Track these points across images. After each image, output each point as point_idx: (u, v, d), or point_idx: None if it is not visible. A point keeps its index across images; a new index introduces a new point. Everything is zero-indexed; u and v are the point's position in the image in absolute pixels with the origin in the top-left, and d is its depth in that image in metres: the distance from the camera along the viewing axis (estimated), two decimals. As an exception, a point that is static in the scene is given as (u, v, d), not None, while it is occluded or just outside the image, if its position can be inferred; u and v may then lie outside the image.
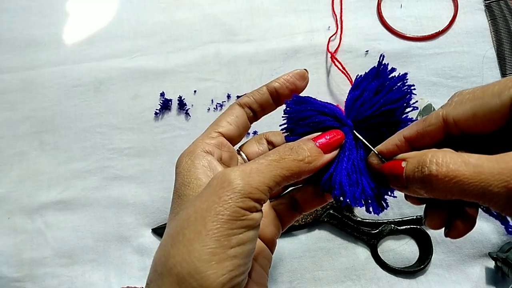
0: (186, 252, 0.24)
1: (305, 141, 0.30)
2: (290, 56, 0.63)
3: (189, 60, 0.64)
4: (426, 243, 0.55)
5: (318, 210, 0.56)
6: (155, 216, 0.59)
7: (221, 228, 0.24)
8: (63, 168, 0.61)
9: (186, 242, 0.25)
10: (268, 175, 0.27)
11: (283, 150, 0.29)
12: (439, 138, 0.27)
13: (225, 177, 0.26)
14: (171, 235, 0.26)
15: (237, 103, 0.36)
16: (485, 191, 0.22)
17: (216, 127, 0.34)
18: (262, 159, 0.28)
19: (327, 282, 0.56)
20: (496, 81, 0.25)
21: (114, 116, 0.62)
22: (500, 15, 0.62)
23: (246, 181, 0.26)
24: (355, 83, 0.33)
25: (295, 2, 0.65)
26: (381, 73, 0.32)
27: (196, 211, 0.25)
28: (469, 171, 0.22)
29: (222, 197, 0.25)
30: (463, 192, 0.23)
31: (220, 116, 0.35)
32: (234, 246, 0.25)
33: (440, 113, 0.26)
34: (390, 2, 0.64)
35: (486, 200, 0.22)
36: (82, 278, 0.57)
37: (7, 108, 0.63)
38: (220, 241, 0.24)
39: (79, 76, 0.64)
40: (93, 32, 0.66)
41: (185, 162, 0.31)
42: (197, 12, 0.66)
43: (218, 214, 0.25)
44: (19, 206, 0.60)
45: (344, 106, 0.33)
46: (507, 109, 0.23)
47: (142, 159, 0.61)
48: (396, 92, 0.31)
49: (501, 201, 0.21)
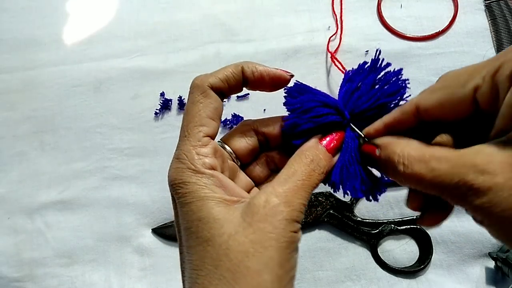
0: (256, 284, 0.25)
1: (317, 147, 0.31)
2: (290, 56, 0.63)
3: (189, 60, 0.64)
4: (426, 243, 0.55)
5: (318, 210, 0.56)
6: (155, 216, 0.59)
7: (283, 255, 0.26)
8: (63, 168, 0.61)
9: (254, 274, 0.25)
10: (303, 195, 0.28)
11: (307, 164, 0.29)
12: (413, 124, 0.28)
13: (271, 206, 0.26)
14: (227, 268, 0.25)
15: (209, 86, 0.31)
16: (443, 189, 0.24)
17: (200, 127, 0.30)
18: (294, 178, 0.28)
19: (327, 282, 0.56)
20: (467, 67, 0.25)
21: (114, 116, 0.62)
22: (500, 15, 0.62)
23: (291, 207, 0.27)
24: (348, 76, 0.34)
25: (295, 2, 0.65)
26: (377, 68, 0.33)
27: (254, 242, 0.25)
28: (429, 174, 0.24)
29: (276, 226, 0.26)
30: (425, 189, 0.25)
31: (196, 107, 0.30)
32: (294, 266, 0.27)
33: (414, 101, 0.28)
34: (390, 2, 0.64)
35: (445, 196, 0.24)
36: (82, 278, 0.57)
37: (7, 108, 0.63)
38: (284, 267, 0.26)
39: (79, 76, 0.64)
40: (93, 32, 0.66)
41: (196, 183, 0.28)
42: (197, 12, 0.66)
43: (278, 242, 0.26)
44: (19, 206, 0.60)
45: (338, 98, 0.33)
46: (470, 99, 0.24)
47: (142, 159, 0.61)
48: (392, 86, 0.32)
49: (456, 195, 0.24)
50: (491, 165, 0.22)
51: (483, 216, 0.23)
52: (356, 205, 0.58)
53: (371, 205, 0.58)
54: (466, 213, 0.24)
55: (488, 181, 0.22)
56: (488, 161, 0.22)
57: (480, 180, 0.22)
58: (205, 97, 0.30)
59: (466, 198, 0.23)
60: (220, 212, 0.27)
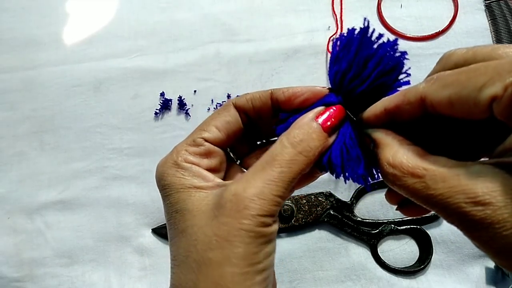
0: (218, 276, 0.25)
1: (309, 125, 0.27)
2: (290, 56, 0.63)
3: (189, 60, 0.64)
4: (426, 243, 0.55)
5: (318, 210, 0.56)
6: (155, 216, 0.59)
7: (248, 248, 0.25)
8: (63, 168, 0.61)
9: (215, 266, 0.25)
10: (281, 185, 0.26)
11: (293, 146, 0.26)
12: (417, 115, 0.25)
13: (238, 200, 0.25)
14: (193, 259, 0.26)
15: (232, 103, 0.32)
16: (438, 209, 0.21)
17: (202, 132, 0.31)
18: (271, 165, 0.26)
19: (327, 282, 0.56)
20: (488, 65, 0.21)
21: (114, 116, 0.62)
22: (500, 15, 0.62)
23: (261, 202, 0.25)
24: (335, 54, 0.30)
25: (295, 2, 0.65)
26: (367, 40, 0.28)
27: (218, 235, 0.25)
28: (422, 191, 0.22)
29: (242, 222, 0.25)
30: (416, 201, 0.23)
31: (210, 116, 0.31)
32: (262, 260, 0.26)
33: (420, 91, 0.25)
34: (390, 2, 0.64)
35: (439, 214, 0.22)
36: (82, 278, 0.57)
37: (7, 108, 0.63)
38: (248, 260, 0.25)
39: (79, 76, 0.64)
40: (93, 32, 0.66)
41: (173, 174, 0.29)
42: (197, 12, 0.66)
43: (243, 237, 0.25)
44: (19, 206, 0.60)
45: (329, 80, 0.30)
46: (484, 106, 0.20)
47: (142, 159, 0.61)
48: (387, 62, 0.28)
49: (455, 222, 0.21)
50: (494, 194, 0.19)
51: (480, 245, 0.21)
52: (356, 205, 0.58)
53: (371, 205, 0.58)
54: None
55: (490, 214, 0.19)
56: (491, 189, 0.19)
57: (481, 214, 0.19)
58: (223, 110, 0.31)
59: (463, 226, 0.21)
60: (194, 203, 0.27)
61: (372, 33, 0.28)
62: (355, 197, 0.57)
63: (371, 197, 0.58)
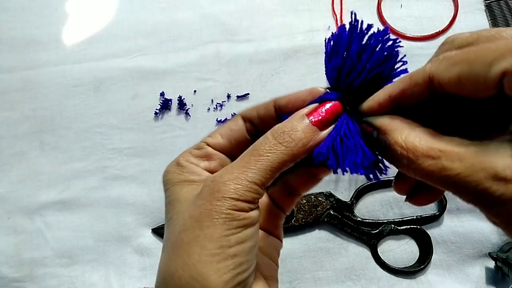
0: (186, 255, 0.25)
1: (298, 119, 0.28)
2: (290, 56, 0.63)
3: (189, 60, 0.64)
4: (426, 243, 0.55)
5: (318, 210, 0.56)
6: (155, 216, 0.59)
7: (218, 230, 0.25)
8: (63, 168, 0.61)
9: (185, 246, 0.25)
10: (258, 173, 0.26)
11: (273, 137, 0.27)
12: (425, 98, 0.25)
13: (214, 185, 0.26)
14: (170, 241, 0.27)
15: (241, 115, 0.33)
16: (455, 189, 0.21)
17: (207, 138, 0.33)
18: (249, 155, 0.27)
19: (327, 282, 0.56)
20: (497, 43, 0.21)
21: (114, 116, 0.62)
22: (500, 15, 0.62)
23: (235, 187, 0.26)
24: (328, 52, 0.30)
25: (295, 2, 0.65)
26: (357, 34, 0.28)
27: (191, 217, 0.26)
28: (439, 172, 0.21)
29: (214, 204, 0.26)
30: (433, 184, 0.22)
31: (218, 127, 0.34)
32: (234, 245, 0.25)
33: (427, 72, 0.24)
34: (390, 2, 0.64)
35: (457, 195, 0.22)
36: (82, 278, 0.57)
37: (7, 108, 0.63)
38: (218, 242, 0.25)
39: (79, 76, 0.64)
40: (93, 32, 0.66)
41: (173, 171, 0.31)
42: (197, 12, 0.66)
43: (213, 218, 0.25)
44: (19, 206, 0.60)
45: (327, 80, 0.30)
46: (495, 82, 0.20)
47: (142, 159, 0.61)
48: (380, 52, 0.27)
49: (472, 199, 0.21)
50: None
51: (500, 221, 0.21)
52: (356, 205, 0.58)
53: (371, 205, 0.58)
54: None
55: (511, 189, 0.19)
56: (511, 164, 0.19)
57: (502, 190, 0.19)
58: (231, 121, 0.33)
59: (482, 203, 0.20)
60: (183, 194, 0.29)
61: (361, 25, 0.28)
62: (355, 197, 0.57)
63: (371, 197, 0.58)
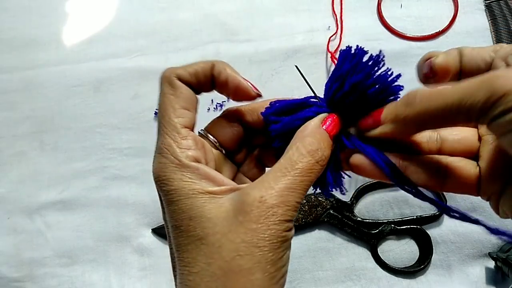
0: (248, 282, 0.25)
1: (319, 130, 0.28)
2: (290, 56, 0.63)
3: (189, 60, 0.62)
4: (426, 243, 0.55)
5: (318, 210, 0.56)
6: (155, 216, 0.59)
7: (275, 254, 0.25)
8: (63, 168, 0.61)
9: (246, 273, 0.25)
10: (301, 193, 0.27)
11: (310, 155, 0.27)
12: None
13: (266, 207, 0.25)
14: (219, 267, 0.25)
15: (176, 77, 0.31)
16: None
17: (176, 119, 0.29)
18: (293, 172, 0.26)
19: (327, 282, 0.56)
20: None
21: (114, 116, 0.62)
22: (500, 15, 0.62)
23: (286, 207, 0.26)
24: (335, 76, 0.30)
25: (295, 2, 0.65)
26: (360, 66, 0.28)
27: (246, 242, 0.25)
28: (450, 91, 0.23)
29: (272, 227, 0.25)
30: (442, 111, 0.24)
31: (167, 99, 0.30)
32: (286, 263, 0.27)
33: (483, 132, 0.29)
34: (390, 2, 0.64)
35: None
36: (82, 278, 0.57)
37: (7, 108, 0.63)
38: (276, 265, 0.26)
39: (79, 76, 0.64)
40: (93, 32, 0.66)
41: (179, 180, 0.28)
42: (197, 12, 0.66)
43: (272, 242, 0.25)
44: (19, 206, 0.60)
45: (324, 95, 0.31)
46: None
47: (142, 159, 0.61)
48: (375, 80, 0.28)
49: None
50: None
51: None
52: (356, 205, 0.58)
53: (371, 205, 0.58)
54: None
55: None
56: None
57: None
58: (174, 88, 0.30)
59: (491, 112, 0.22)
60: (211, 210, 0.26)
61: (368, 58, 0.28)
62: (355, 197, 0.57)
63: (371, 197, 0.58)
